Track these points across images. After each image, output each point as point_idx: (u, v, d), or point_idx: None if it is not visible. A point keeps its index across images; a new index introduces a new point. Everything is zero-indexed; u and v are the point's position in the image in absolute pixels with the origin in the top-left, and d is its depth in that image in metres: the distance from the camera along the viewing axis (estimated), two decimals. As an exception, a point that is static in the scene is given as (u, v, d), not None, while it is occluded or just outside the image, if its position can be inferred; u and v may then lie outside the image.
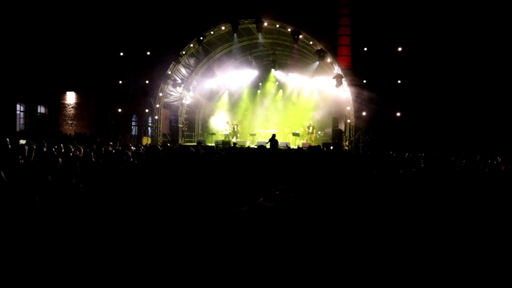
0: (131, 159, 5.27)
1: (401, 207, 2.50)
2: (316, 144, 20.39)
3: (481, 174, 4.91)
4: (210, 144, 21.37)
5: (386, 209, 2.17)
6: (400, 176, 3.64)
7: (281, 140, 21.49)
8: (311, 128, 22.39)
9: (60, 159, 4.58)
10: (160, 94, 24.22)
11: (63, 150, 7.11)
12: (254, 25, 21.59)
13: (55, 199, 3.13)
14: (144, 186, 4.17)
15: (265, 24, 21.34)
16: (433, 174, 5.14)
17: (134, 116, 31.69)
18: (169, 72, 23.46)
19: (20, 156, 5.36)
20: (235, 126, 23.60)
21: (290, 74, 24.33)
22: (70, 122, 27.84)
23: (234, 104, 26.36)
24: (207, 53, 24.79)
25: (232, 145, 17.71)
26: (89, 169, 4.90)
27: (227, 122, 24.46)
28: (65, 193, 3.31)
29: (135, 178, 4.48)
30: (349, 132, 21.81)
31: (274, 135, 18.22)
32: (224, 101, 26.57)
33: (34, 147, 6.96)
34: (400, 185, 3.20)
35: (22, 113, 25.06)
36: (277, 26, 21.34)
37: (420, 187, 3.16)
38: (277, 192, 2.75)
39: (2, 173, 2.93)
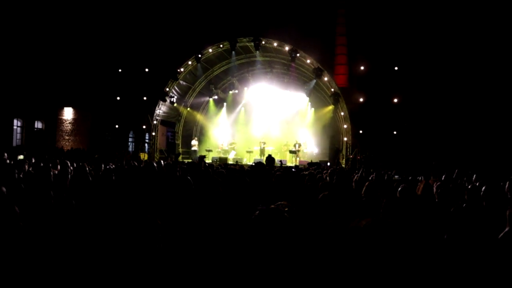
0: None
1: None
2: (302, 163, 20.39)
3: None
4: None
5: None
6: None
7: (278, 158, 21.47)
8: (297, 145, 22.32)
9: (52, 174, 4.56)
10: (157, 111, 24.26)
11: (58, 166, 7.09)
12: (252, 44, 21.80)
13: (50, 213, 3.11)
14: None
15: (263, 42, 21.57)
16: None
17: (131, 132, 31.69)
18: (167, 89, 23.56)
19: (16, 171, 5.35)
20: (262, 144, 23.57)
21: (287, 92, 24.43)
22: (67, 137, 27.81)
23: (231, 121, 26.37)
24: (205, 70, 24.95)
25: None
26: (83, 185, 4.87)
27: (230, 144, 24.68)
28: (56, 208, 3.30)
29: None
30: (346, 150, 21.85)
31: (270, 155, 18.18)
32: (221, 118, 26.59)
33: (28, 161, 6.95)
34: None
35: (19, 128, 25.02)
36: (275, 44, 21.57)
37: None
38: (273, 206, 2.74)
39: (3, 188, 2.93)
